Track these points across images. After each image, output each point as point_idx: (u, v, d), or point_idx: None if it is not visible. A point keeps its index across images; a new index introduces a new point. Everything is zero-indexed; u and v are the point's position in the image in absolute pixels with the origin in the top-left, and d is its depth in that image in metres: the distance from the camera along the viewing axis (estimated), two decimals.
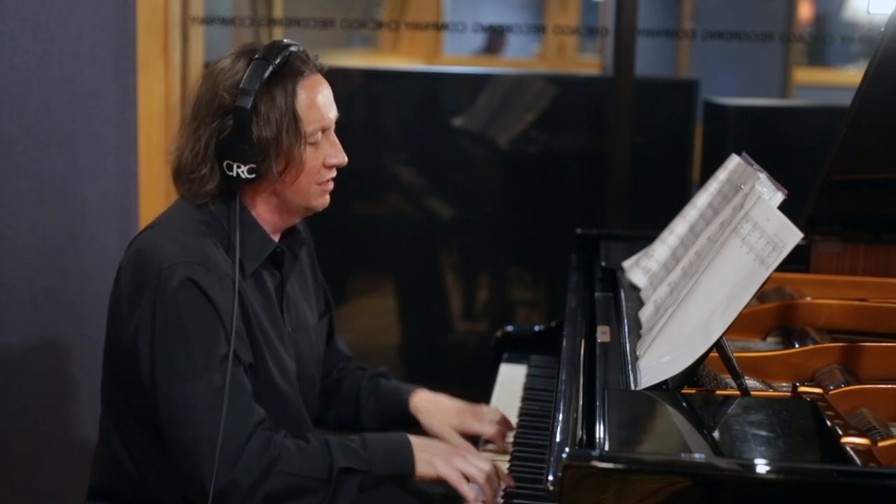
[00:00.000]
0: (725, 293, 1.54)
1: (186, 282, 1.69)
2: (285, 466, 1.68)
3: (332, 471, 1.71)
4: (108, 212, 2.87)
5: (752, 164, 1.87)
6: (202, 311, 1.69)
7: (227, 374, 1.67)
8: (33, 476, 2.66)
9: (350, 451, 1.74)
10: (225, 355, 1.69)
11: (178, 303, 1.68)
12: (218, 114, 1.76)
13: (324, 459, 1.72)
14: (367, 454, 1.75)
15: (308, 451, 1.72)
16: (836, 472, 1.27)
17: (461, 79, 3.70)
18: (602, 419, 1.42)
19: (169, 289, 1.68)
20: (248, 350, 1.77)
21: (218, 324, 1.70)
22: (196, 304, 1.69)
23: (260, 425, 1.70)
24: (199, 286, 1.69)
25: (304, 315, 1.98)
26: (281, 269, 1.90)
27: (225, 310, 1.71)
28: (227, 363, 1.68)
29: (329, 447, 1.73)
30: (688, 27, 5.62)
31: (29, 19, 2.55)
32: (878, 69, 1.80)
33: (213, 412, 1.66)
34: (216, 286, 1.71)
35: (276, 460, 1.68)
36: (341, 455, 1.73)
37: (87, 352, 2.75)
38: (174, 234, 1.76)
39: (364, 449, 1.75)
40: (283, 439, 1.71)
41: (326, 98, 1.82)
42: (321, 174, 1.83)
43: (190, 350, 1.68)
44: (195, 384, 1.67)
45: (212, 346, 1.68)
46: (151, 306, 1.69)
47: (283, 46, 1.78)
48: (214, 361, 1.68)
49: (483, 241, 3.59)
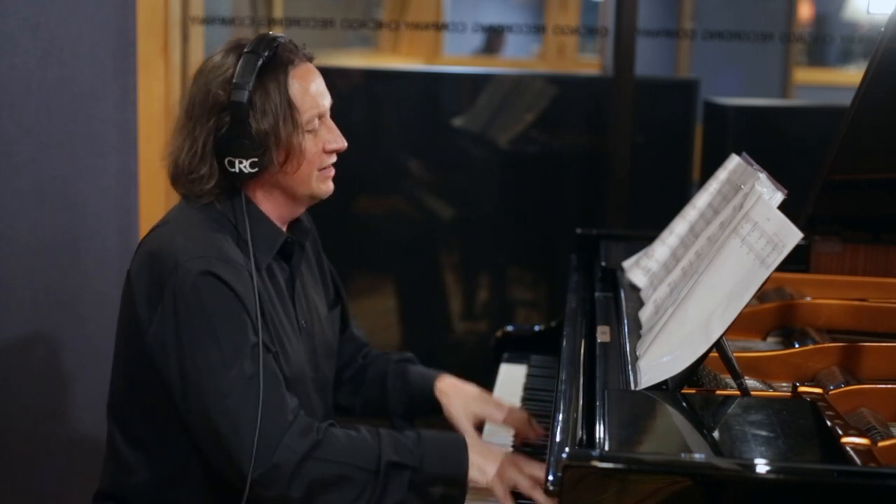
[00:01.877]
0: (725, 293, 1.54)
1: (206, 274, 1.68)
2: (329, 453, 1.67)
3: (380, 462, 1.69)
4: (108, 212, 2.87)
5: (752, 164, 1.87)
6: (226, 302, 1.68)
7: (260, 361, 1.66)
8: (33, 476, 2.66)
9: (401, 446, 1.72)
10: (254, 344, 1.68)
11: (200, 295, 1.67)
12: (213, 111, 1.75)
13: (371, 450, 1.70)
14: (420, 451, 1.72)
15: (355, 440, 1.71)
16: (836, 472, 1.27)
17: (461, 79, 3.70)
18: (602, 419, 1.42)
19: (189, 283, 1.67)
20: (274, 338, 1.76)
21: (243, 313, 1.69)
22: (219, 295, 1.68)
23: (300, 411, 1.70)
24: (220, 277, 1.68)
25: (316, 307, 1.98)
26: (290, 261, 1.89)
27: (248, 299, 1.70)
28: (258, 351, 1.67)
29: (380, 438, 1.72)
30: (688, 27, 5.62)
31: (29, 19, 2.54)
32: (878, 69, 1.80)
33: (247, 401, 1.65)
34: (235, 277, 1.71)
35: (319, 444, 1.67)
36: (391, 448, 1.71)
37: (87, 352, 2.75)
38: (186, 231, 1.76)
39: (417, 445, 1.73)
40: (328, 427, 1.70)
41: (319, 85, 1.82)
42: (322, 160, 1.83)
43: (218, 341, 1.67)
44: (227, 374, 1.65)
45: (239, 335, 1.68)
46: (173, 303, 1.68)
47: (271, 38, 1.78)
48: (244, 350, 1.67)
49: (483, 241, 3.59)
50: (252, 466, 1.63)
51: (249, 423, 1.64)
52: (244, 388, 1.66)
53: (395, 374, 2.09)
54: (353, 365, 2.13)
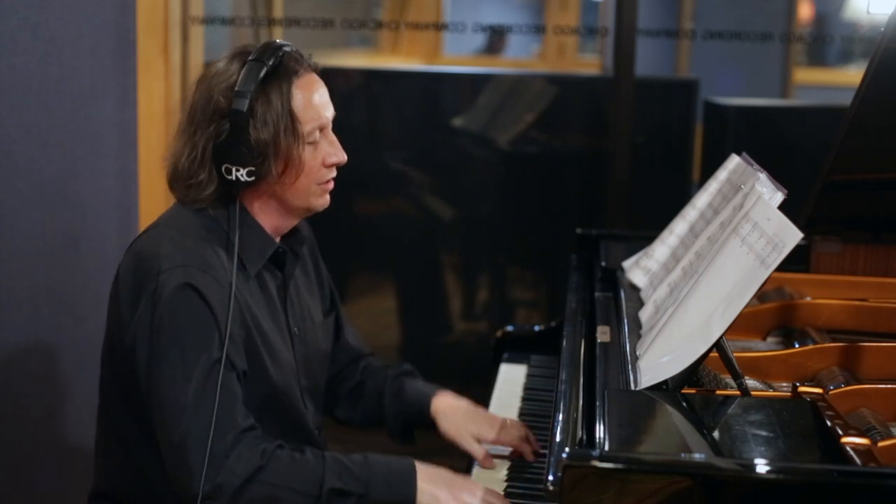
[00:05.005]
0: (725, 293, 1.54)
1: (184, 286, 1.68)
2: (271, 476, 1.65)
3: (322, 489, 1.67)
4: (108, 212, 2.87)
5: (752, 164, 1.87)
6: (198, 316, 1.68)
7: (219, 377, 1.65)
8: (33, 476, 2.66)
9: (346, 472, 1.69)
10: (218, 360, 1.67)
11: (174, 307, 1.67)
12: (214, 118, 1.74)
13: (315, 475, 1.67)
14: (366, 476, 1.70)
15: (300, 465, 1.69)
16: (836, 472, 1.27)
17: (461, 79, 3.70)
18: (602, 419, 1.42)
19: (167, 292, 1.68)
20: (243, 357, 1.75)
21: (213, 328, 1.68)
22: (193, 308, 1.68)
23: (249, 432, 1.68)
24: (198, 290, 1.68)
25: (310, 314, 1.97)
26: (283, 269, 1.89)
27: (222, 314, 1.70)
28: (219, 367, 1.66)
29: (324, 463, 1.69)
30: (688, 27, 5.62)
31: (29, 19, 2.55)
32: (878, 69, 1.80)
33: (200, 416, 1.64)
34: (214, 290, 1.70)
35: (262, 469, 1.65)
36: (335, 475, 1.68)
37: (87, 352, 2.75)
38: (174, 237, 1.75)
39: (363, 470, 1.71)
40: (275, 449, 1.68)
41: (322, 97, 1.81)
42: (321, 174, 1.82)
43: (183, 353, 1.67)
44: (184, 387, 1.65)
45: (204, 350, 1.67)
46: (150, 310, 1.69)
47: (277, 47, 1.77)
48: (206, 365, 1.66)
49: (483, 241, 3.59)
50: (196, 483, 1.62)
51: (199, 439, 1.63)
52: (198, 404, 1.65)
53: (391, 392, 2.08)
54: (351, 379, 2.12)
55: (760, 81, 5.61)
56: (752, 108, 3.57)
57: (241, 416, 1.69)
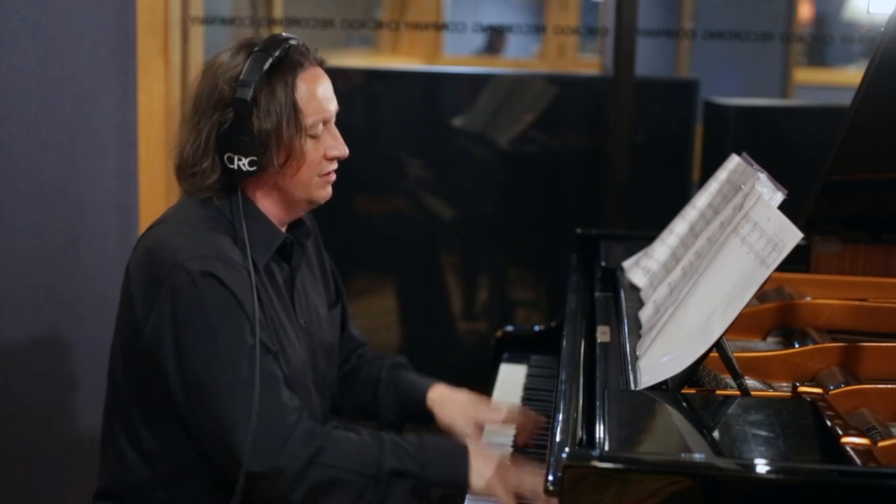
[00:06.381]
0: (725, 293, 1.54)
1: (205, 275, 1.68)
2: (331, 458, 1.68)
3: (382, 469, 1.69)
4: (108, 212, 2.87)
5: (752, 164, 1.87)
6: (224, 304, 1.69)
7: (257, 363, 1.66)
8: (33, 476, 2.66)
9: (403, 452, 1.72)
10: (252, 346, 1.68)
11: (198, 296, 1.67)
12: (218, 106, 1.75)
13: (374, 456, 1.70)
14: (421, 457, 1.72)
15: (358, 445, 1.71)
16: (836, 472, 1.27)
17: (461, 79, 3.70)
18: (602, 419, 1.42)
19: (187, 283, 1.67)
20: (274, 338, 1.76)
21: (241, 314, 1.69)
22: (217, 296, 1.68)
23: (301, 413, 1.70)
24: (218, 278, 1.69)
25: (316, 307, 1.98)
26: (290, 261, 1.89)
27: (246, 300, 1.70)
28: (255, 352, 1.67)
29: (382, 444, 1.72)
30: (688, 27, 5.62)
31: (29, 19, 2.54)
32: (878, 69, 1.80)
33: (246, 403, 1.65)
34: (234, 277, 1.71)
35: (322, 450, 1.67)
36: (393, 455, 1.71)
37: (87, 351, 2.75)
38: (184, 230, 1.76)
39: (419, 450, 1.73)
40: (330, 430, 1.71)
41: (326, 90, 1.82)
42: (322, 166, 1.82)
43: (216, 343, 1.67)
44: (224, 376, 1.66)
45: (237, 337, 1.68)
46: (171, 302, 1.68)
47: (283, 39, 1.78)
48: (242, 352, 1.67)
49: (483, 241, 3.59)
50: (251, 464, 1.64)
51: (248, 424, 1.64)
52: (242, 391, 1.66)
53: (386, 382, 2.09)
54: (345, 365, 2.13)
55: (760, 81, 5.61)
56: (752, 108, 3.57)
57: (287, 397, 1.71)
